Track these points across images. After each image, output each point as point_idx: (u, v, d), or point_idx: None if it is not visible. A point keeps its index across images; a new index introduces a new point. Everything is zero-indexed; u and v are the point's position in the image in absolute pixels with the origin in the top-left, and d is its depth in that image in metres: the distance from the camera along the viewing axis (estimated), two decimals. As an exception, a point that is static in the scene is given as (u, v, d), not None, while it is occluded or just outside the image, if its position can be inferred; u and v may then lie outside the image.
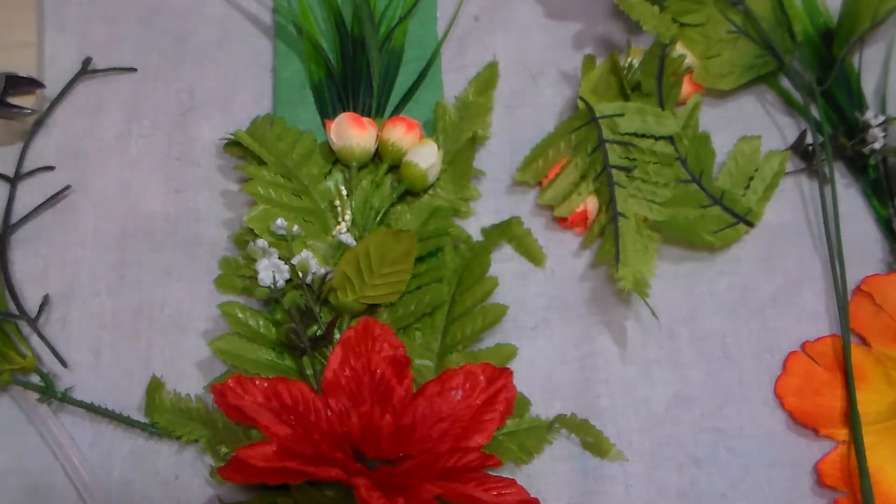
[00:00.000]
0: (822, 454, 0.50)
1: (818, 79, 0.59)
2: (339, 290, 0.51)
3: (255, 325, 0.51)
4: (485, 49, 0.61)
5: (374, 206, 0.54)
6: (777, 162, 0.56)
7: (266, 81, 0.60)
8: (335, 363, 0.48)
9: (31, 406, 0.51)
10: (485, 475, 0.46)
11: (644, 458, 0.51)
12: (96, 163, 0.57)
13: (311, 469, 0.43)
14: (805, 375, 0.52)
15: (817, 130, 0.58)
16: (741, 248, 0.56)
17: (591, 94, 0.57)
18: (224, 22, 0.61)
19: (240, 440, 0.49)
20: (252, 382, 0.46)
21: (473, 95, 0.58)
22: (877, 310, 0.53)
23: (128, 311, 0.54)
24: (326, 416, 0.46)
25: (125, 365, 0.52)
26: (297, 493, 0.47)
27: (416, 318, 0.52)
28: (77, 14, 0.61)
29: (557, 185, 0.56)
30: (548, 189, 0.56)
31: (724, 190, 0.55)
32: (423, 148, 0.54)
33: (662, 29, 0.57)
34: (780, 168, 0.56)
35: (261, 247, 0.51)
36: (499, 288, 0.53)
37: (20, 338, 0.52)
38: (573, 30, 0.62)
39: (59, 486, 0.50)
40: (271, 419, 0.45)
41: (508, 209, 0.56)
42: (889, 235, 0.56)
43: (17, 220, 0.55)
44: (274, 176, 0.54)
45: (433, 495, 0.44)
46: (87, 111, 0.59)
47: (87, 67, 0.59)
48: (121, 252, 0.55)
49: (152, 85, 0.60)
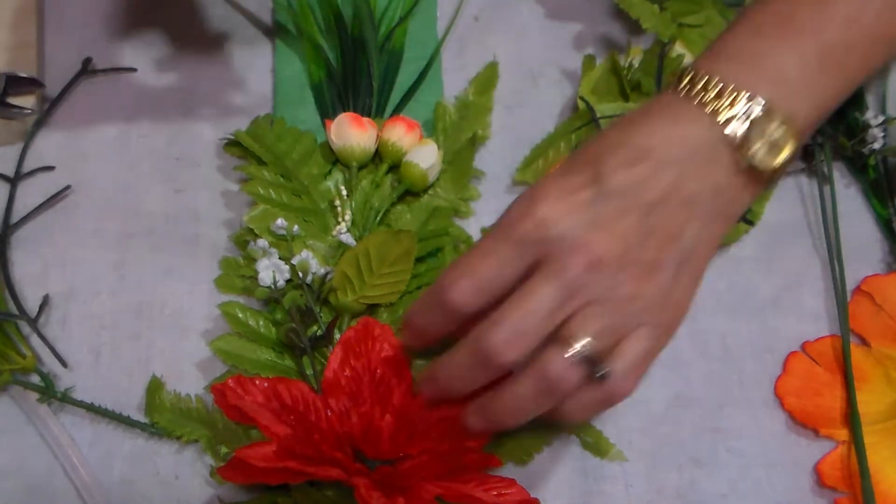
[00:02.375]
0: (822, 454, 0.50)
1: (818, 79, 0.59)
2: (339, 290, 0.51)
3: (255, 325, 0.51)
4: (485, 49, 0.61)
5: (374, 206, 0.54)
6: (777, 162, 0.56)
7: (266, 81, 0.60)
8: (335, 363, 0.48)
9: (31, 406, 0.50)
10: (485, 475, 0.46)
11: (644, 458, 0.51)
12: (96, 163, 0.57)
13: (311, 469, 0.43)
14: (805, 375, 0.52)
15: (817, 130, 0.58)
16: (741, 247, 0.56)
17: (591, 94, 0.57)
18: (224, 22, 0.61)
19: (240, 440, 0.49)
20: (252, 382, 0.46)
21: (473, 95, 0.58)
22: (877, 310, 0.53)
23: (128, 311, 0.54)
24: (326, 416, 0.47)
25: (125, 365, 0.52)
26: (297, 492, 0.47)
27: (416, 318, 0.52)
28: (77, 14, 0.61)
29: (557, 185, 0.56)
30: (548, 189, 0.56)
31: (724, 190, 0.55)
32: (423, 148, 0.54)
33: (662, 28, 0.57)
34: (780, 168, 0.56)
35: (261, 247, 0.51)
36: (499, 288, 0.53)
37: (20, 338, 0.52)
38: (573, 30, 0.62)
39: (59, 486, 0.50)
40: (271, 419, 0.45)
41: (508, 209, 0.56)
42: (889, 235, 0.56)
43: (17, 220, 0.55)
44: (274, 176, 0.54)
45: (433, 495, 0.44)
46: (87, 111, 0.59)
47: (87, 67, 0.59)
48: (121, 252, 0.55)
49: (152, 85, 0.59)
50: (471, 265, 0.41)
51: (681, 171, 0.42)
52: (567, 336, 0.41)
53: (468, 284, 0.41)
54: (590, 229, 0.40)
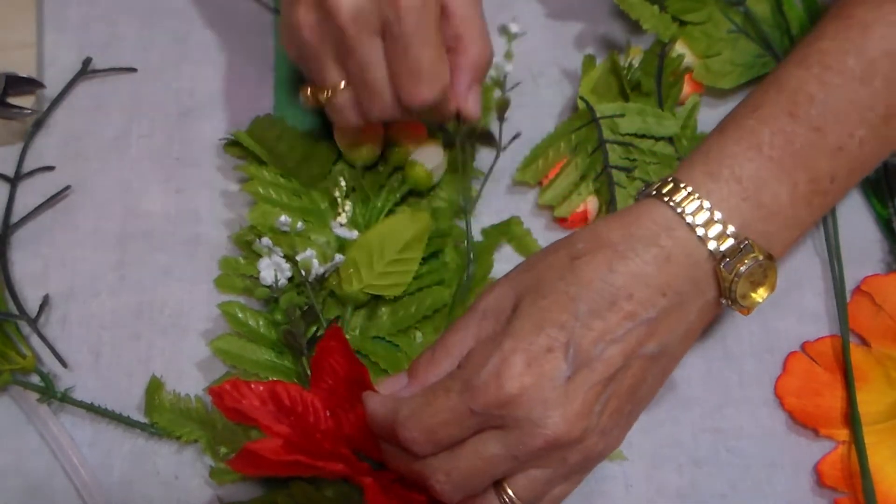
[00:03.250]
0: (822, 454, 0.50)
1: (818, 79, 0.59)
2: (344, 280, 0.51)
3: (255, 325, 0.51)
4: (485, 49, 0.61)
5: (377, 206, 0.54)
6: (777, 162, 0.56)
7: (266, 81, 0.60)
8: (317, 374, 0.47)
9: (31, 406, 0.51)
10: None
11: (644, 458, 0.51)
12: (96, 163, 0.57)
13: (321, 462, 0.43)
14: (805, 375, 0.52)
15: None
16: (741, 248, 0.56)
17: (591, 93, 0.57)
18: (224, 22, 0.61)
19: (239, 440, 0.49)
20: (248, 386, 0.46)
21: (473, 95, 0.58)
22: (877, 310, 0.53)
23: (128, 311, 0.54)
24: (325, 416, 0.46)
25: (125, 365, 0.52)
26: (297, 492, 0.47)
27: (416, 320, 0.52)
28: (77, 14, 0.61)
29: (557, 186, 0.56)
30: (548, 189, 0.56)
31: (724, 190, 0.55)
32: (428, 148, 0.54)
33: (662, 28, 0.57)
34: (780, 168, 0.56)
35: (266, 245, 0.51)
36: (499, 288, 0.53)
37: (20, 338, 0.52)
38: (573, 30, 0.62)
39: (59, 486, 0.50)
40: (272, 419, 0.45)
41: (508, 209, 0.56)
42: (889, 235, 0.56)
43: (17, 220, 0.55)
44: (274, 176, 0.54)
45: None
46: (87, 111, 0.59)
47: (87, 67, 0.59)
48: (121, 252, 0.55)
49: (152, 85, 0.60)
50: (428, 418, 0.41)
51: (655, 324, 0.42)
52: (507, 488, 0.42)
53: (422, 436, 0.41)
54: (554, 411, 0.40)
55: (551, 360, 0.40)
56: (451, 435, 0.41)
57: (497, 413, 0.40)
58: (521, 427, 0.40)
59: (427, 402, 0.41)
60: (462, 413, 0.40)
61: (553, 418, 0.40)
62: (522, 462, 0.41)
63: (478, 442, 0.41)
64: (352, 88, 0.49)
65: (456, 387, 0.41)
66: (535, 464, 0.41)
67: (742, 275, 0.42)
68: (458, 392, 0.40)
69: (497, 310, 0.43)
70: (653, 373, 0.43)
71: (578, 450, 0.41)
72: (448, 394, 0.41)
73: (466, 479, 0.41)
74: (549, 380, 0.40)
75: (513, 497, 0.42)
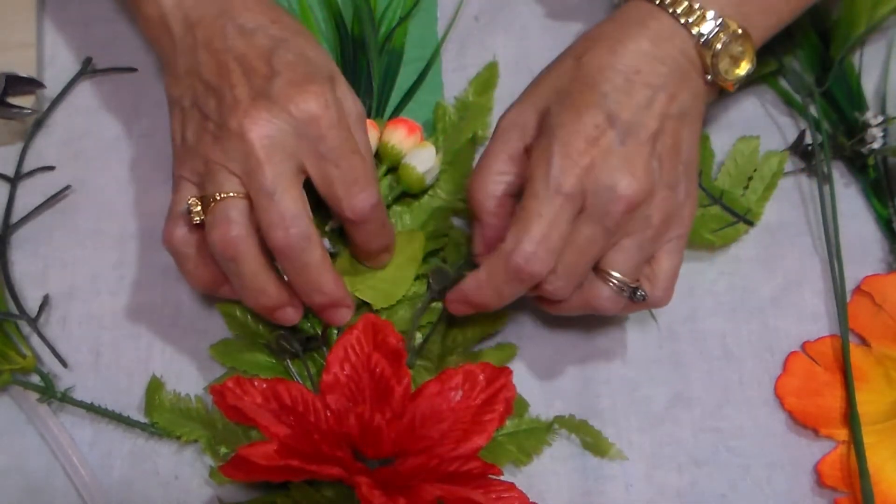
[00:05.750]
0: (822, 454, 0.50)
1: (818, 79, 0.59)
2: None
3: (254, 326, 0.51)
4: (485, 49, 0.61)
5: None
6: (776, 162, 0.56)
7: (266, 81, 0.60)
8: (335, 362, 0.48)
9: (31, 406, 0.51)
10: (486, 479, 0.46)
11: (644, 458, 0.51)
12: (96, 163, 0.57)
13: (312, 467, 0.43)
14: (805, 375, 0.52)
15: (816, 130, 0.58)
16: (741, 248, 0.56)
17: (591, 94, 0.57)
18: (224, 22, 0.61)
19: (239, 440, 0.49)
20: (251, 384, 0.46)
21: (473, 96, 0.58)
22: (877, 310, 0.53)
23: (128, 311, 0.54)
24: (325, 416, 0.47)
25: (125, 365, 0.52)
26: (296, 493, 0.47)
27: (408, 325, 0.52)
28: (77, 14, 0.61)
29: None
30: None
31: (724, 190, 0.55)
32: (422, 151, 0.54)
33: (662, 29, 0.57)
34: (779, 168, 0.56)
35: None
36: (499, 288, 0.53)
37: (20, 338, 0.52)
38: (573, 30, 0.62)
39: (59, 486, 0.50)
40: (271, 420, 0.45)
41: (508, 209, 0.56)
42: (889, 235, 0.56)
43: (17, 220, 0.55)
44: (274, 176, 0.54)
45: (434, 496, 0.44)
46: (87, 111, 0.59)
47: (87, 67, 0.59)
48: (121, 252, 0.55)
49: (152, 85, 0.59)
50: (538, 233, 0.44)
51: (669, 88, 0.47)
52: (608, 270, 0.46)
53: (544, 253, 0.45)
54: (622, 174, 0.45)
55: (603, 133, 0.45)
56: (561, 236, 0.45)
57: (580, 188, 0.44)
58: (601, 199, 0.45)
59: (526, 224, 0.45)
60: (557, 209, 0.44)
61: (624, 180, 0.45)
62: (612, 233, 0.45)
63: (573, 232, 0.45)
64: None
65: (539, 193, 0.45)
66: (623, 232, 0.46)
67: (721, 51, 0.47)
68: (542, 193, 0.44)
69: (521, 125, 0.48)
70: (685, 133, 0.47)
71: (655, 205, 0.46)
72: (536, 203, 0.45)
73: (572, 268, 0.45)
74: (608, 150, 0.45)
75: (615, 276, 0.46)
